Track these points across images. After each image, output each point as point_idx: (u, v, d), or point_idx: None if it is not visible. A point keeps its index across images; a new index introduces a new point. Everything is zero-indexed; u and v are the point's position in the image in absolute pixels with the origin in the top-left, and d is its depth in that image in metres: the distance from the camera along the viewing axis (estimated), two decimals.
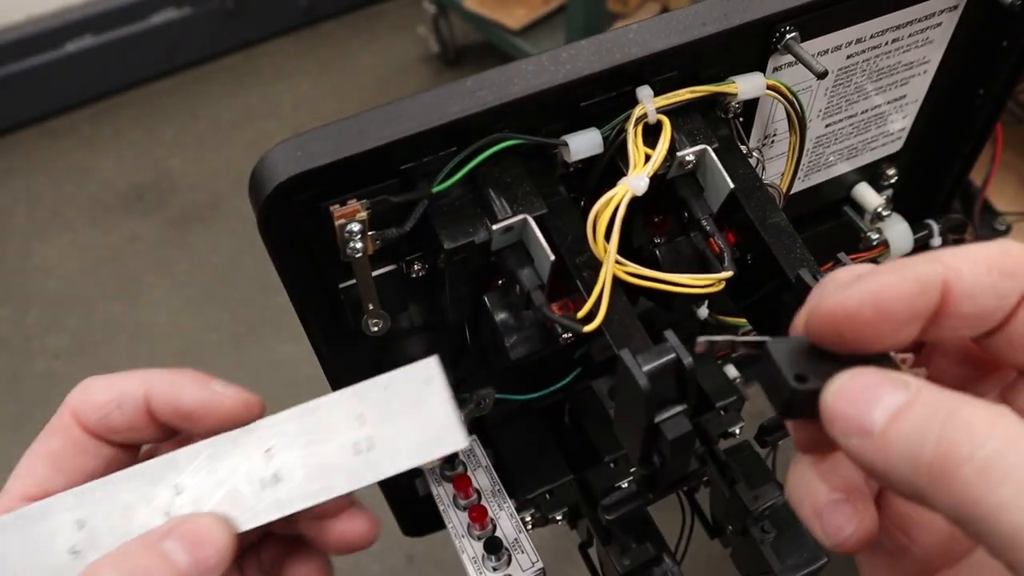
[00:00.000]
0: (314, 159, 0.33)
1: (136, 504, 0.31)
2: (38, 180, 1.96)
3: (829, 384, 0.25)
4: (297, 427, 0.32)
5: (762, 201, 0.40)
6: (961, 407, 0.22)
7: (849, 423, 0.24)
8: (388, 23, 2.30)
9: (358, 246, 0.34)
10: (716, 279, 0.38)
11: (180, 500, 0.31)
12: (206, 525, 0.29)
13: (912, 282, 0.24)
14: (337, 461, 0.31)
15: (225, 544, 0.29)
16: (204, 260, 1.77)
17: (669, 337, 0.33)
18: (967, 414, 0.22)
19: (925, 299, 0.25)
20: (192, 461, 0.32)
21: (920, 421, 0.23)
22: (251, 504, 0.31)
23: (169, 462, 0.32)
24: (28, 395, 1.56)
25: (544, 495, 0.50)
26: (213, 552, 0.29)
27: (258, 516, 0.31)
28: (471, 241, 0.36)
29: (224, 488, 0.32)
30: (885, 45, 0.47)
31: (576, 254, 0.38)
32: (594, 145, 0.39)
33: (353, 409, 0.32)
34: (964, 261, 0.25)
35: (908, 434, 0.23)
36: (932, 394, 0.23)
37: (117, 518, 0.31)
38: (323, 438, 0.32)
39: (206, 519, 0.30)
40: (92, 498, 0.31)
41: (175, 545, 0.28)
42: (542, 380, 0.49)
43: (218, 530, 0.29)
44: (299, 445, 0.32)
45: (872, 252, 0.58)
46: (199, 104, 2.11)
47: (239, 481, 0.32)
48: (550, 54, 0.38)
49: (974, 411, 0.22)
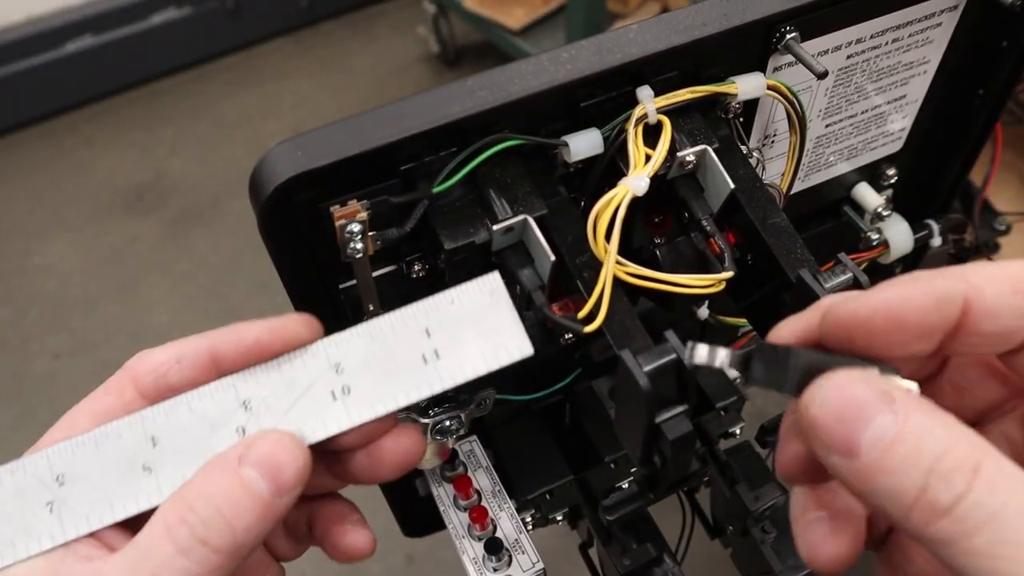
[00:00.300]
0: (314, 159, 0.33)
1: (207, 422, 0.32)
2: (38, 180, 1.96)
3: (816, 385, 0.24)
4: (365, 342, 0.33)
5: (762, 201, 0.40)
6: (947, 452, 0.22)
7: (834, 441, 0.24)
8: (388, 23, 2.30)
9: (359, 246, 0.34)
10: (716, 279, 0.38)
11: (251, 417, 0.32)
12: (282, 445, 0.30)
13: (929, 296, 0.24)
14: (406, 372, 0.32)
15: (301, 464, 0.30)
16: (204, 260, 1.77)
17: (669, 337, 0.33)
18: (952, 460, 0.22)
19: (940, 315, 0.25)
20: (261, 378, 0.33)
21: (906, 460, 0.22)
22: (322, 415, 0.32)
23: (238, 379, 0.32)
24: (28, 395, 1.56)
25: (544, 495, 0.50)
26: (291, 474, 0.30)
27: (328, 426, 0.32)
28: (471, 241, 0.36)
29: (294, 401, 0.32)
30: (885, 45, 0.47)
31: (576, 254, 0.38)
32: (594, 145, 0.39)
33: (419, 323, 0.33)
34: (988, 280, 0.25)
35: (893, 471, 0.22)
36: (920, 424, 0.23)
37: (190, 436, 0.31)
38: (391, 351, 0.32)
39: (281, 439, 0.30)
40: (164, 417, 0.32)
41: (254, 473, 0.29)
42: (542, 381, 0.49)
43: (293, 449, 0.30)
44: (368, 359, 0.32)
45: (872, 252, 0.58)
46: (199, 104, 2.11)
47: (309, 394, 0.32)
48: (550, 54, 0.38)
49: (959, 455, 0.22)
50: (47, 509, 0.30)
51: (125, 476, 0.31)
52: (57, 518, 0.30)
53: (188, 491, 0.29)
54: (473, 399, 0.43)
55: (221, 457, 0.30)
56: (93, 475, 0.31)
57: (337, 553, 0.35)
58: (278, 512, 0.29)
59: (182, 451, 0.31)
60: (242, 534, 0.28)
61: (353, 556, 0.35)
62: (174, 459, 0.31)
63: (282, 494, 0.29)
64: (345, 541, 0.35)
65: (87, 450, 0.31)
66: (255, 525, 0.29)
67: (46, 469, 0.31)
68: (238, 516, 0.28)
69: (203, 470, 0.30)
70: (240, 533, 0.28)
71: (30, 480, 0.31)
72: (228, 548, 0.28)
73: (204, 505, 0.28)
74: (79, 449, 0.31)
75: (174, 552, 0.28)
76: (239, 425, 0.32)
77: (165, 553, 0.28)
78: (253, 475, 0.29)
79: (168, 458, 0.31)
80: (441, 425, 0.43)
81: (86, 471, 0.31)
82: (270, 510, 0.29)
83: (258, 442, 0.30)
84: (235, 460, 0.29)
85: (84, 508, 0.30)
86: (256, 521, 0.29)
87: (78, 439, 0.31)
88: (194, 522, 0.28)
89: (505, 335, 0.32)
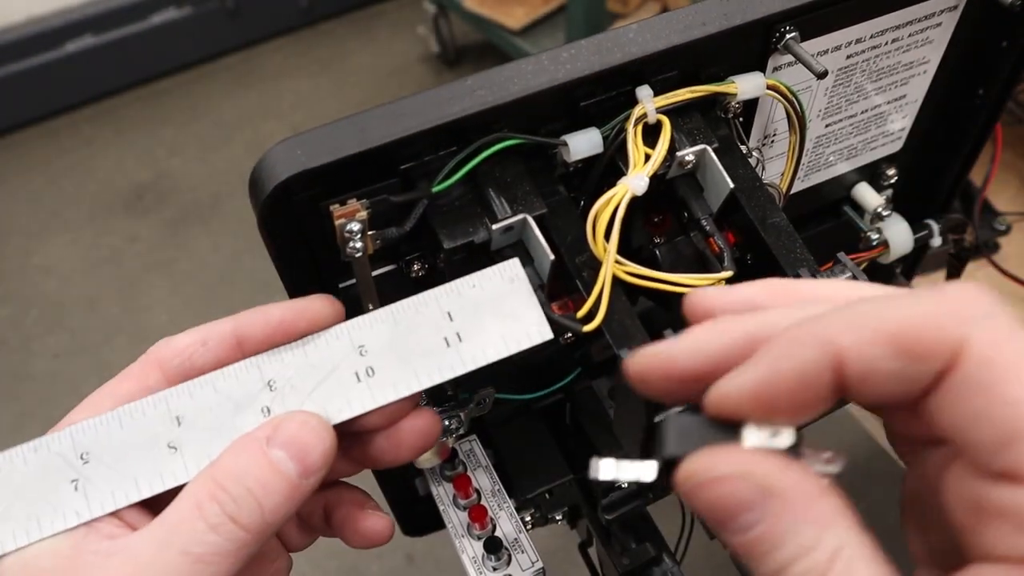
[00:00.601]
0: (314, 158, 0.33)
1: (232, 402, 0.32)
2: (38, 180, 1.96)
3: (683, 473, 0.23)
4: (388, 326, 0.33)
5: (762, 201, 0.40)
6: (794, 563, 0.21)
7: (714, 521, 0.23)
8: (388, 23, 2.30)
9: (358, 245, 0.34)
10: (716, 279, 0.38)
11: (276, 397, 0.32)
12: (309, 427, 0.31)
13: (791, 379, 0.22)
14: (429, 354, 0.33)
15: (327, 445, 0.31)
16: (204, 260, 1.77)
17: (668, 336, 0.33)
18: (801, 569, 0.21)
19: (810, 391, 0.22)
20: (286, 359, 0.33)
21: (767, 556, 0.22)
22: (346, 396, 0.32)
23: (263, 360, 0.33)
24: (28, 395, 1.56)
25: (544, 495, 0.50)
26: (318, 456, 0.30)
27: (352, 407, 0.32)
28: (471, 241, 0.36)
29: (319, 382, 0.33)
30: (885, 45, 0.47)
31: (576, 254, 0.38)
32: (594, 145, 0.39)
33: (442, 306, 0.34)
34: (861, 343, 0.21)
35: (757, 558, 0.22)
36: (782, 526, 0.22)
37: (214, 415, 0.32)
38: (414, 334, 0.33)
39: (308, 420, 0.31)
40: (188, 396, 0.32)
41: (282, 454, 0.30)
42: (542, 380, 0.49)
43: (320, 430, 0.31)
44: (391, 342, 0.33)
45: (872, 252, 0.58)
46: (199, 104, 2.11)
47: (333, 375, 0.33)
48: (550, 54, 0.38)
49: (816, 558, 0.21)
50: (72, 486, 0.30)
51: (150, 454, 0.31)
52: (83, 495, 0.30)
53: (217, 470, 0.30)
54: (473, 398, 0.43)
55: (249, 437, 0.30)
56: (118, 453, 0.31)
57: (357, 538, 0.36)
58: (304, 493, 0.30)
59: (207, 430, 0.32)
60: (270, 514, 0.29)
61: (373, 540, 0.36)
62: (199, 438, 0.31)
63: (309, 475, 0.30)
64: (366, 525, 0.36)
65: (111, 428, 0.31)
66: (282, 505, 0.29)
67: (70, 447, 0.31)
68: (267, 496, 0.29)
69: (231, 450, 0.30)
70: (268, 513, 0.29)
71: (54, 458, 0.31)
72: (256, 527, 0.29)
73: (234, 484, 0.29)
74: (103, 427, 0.31)
75: (204, 528, 0.28)
76: (264, 405, 0.32)
77: (196, 529, 0.28)
78: (281, 456, 0.30)
79: (193, 437, 0.32)
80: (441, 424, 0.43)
81: (110, 449, 0.31)
82: (297, 491, 0.30)
83: (285, 423, 0.31)
84: (263, 441, 0.30)
85: (109, 485, 0.31)
86: (284, 501, 0.29)
87: (102, 417, 0.32)
88: (224, 500, 0.29)
89: (526, 320, 0.33)
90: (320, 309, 0.34)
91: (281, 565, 0.36)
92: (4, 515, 0.30)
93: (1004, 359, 0.20)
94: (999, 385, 0.20)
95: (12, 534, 0.29)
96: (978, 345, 0.21)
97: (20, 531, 0.30)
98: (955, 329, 0.21)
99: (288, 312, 0.33)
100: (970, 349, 0.21)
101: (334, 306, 0.34)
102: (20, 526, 0.30)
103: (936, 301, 0.21)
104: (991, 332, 0.21)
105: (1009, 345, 0.21)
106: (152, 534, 0.29)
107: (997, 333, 0.21)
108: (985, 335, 0.21)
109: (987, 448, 0.21)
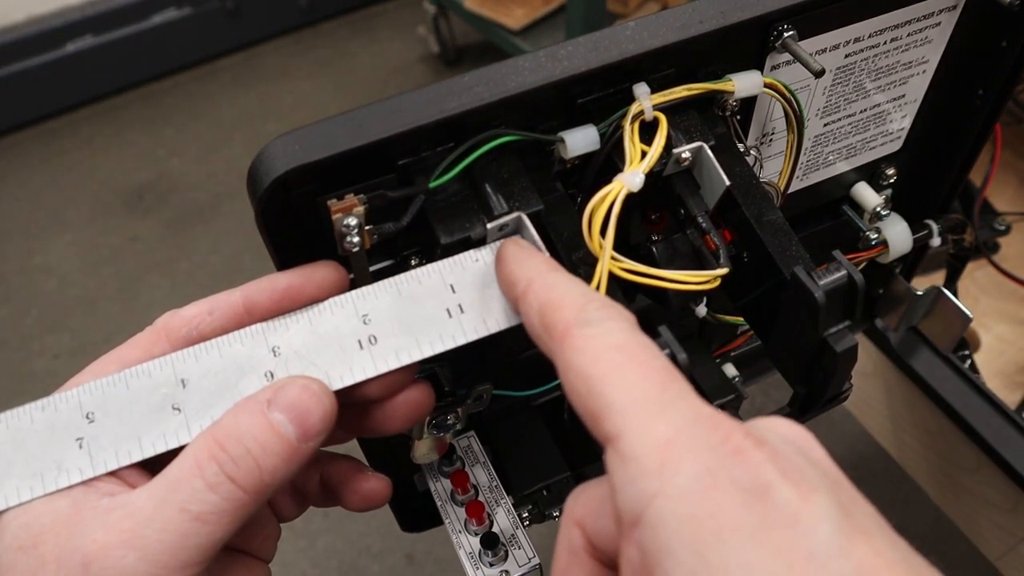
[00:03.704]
0: (312, 153, 0.33)
1: (236, 366, 0.33)
2: (38, 180, 1.96)
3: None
4: (392, 296, 0.34)
5: (758, 199, 0.40)
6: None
7: None
8: (388, 23, 2.31)
9: (355, 240, 0.34)
10: (712, 276, 0.38)
11: (280, 362, 0.33)
12: (310, 391, 0.31)
13: None
14: (432, 324, 0.34)
15: (327, 409, 0.31)
16: (204, 260, 1.78)
17: (663, 333, 0.33)
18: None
19: None
20: (291, 325, 0.34)
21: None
22: (348, 362, 0.33)
23: (268, 327, 0.34)
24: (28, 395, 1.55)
25: (542, 491, 0.50)
26: (318, 419, 0.31)
27: (354, 373, 0.33)
28: (467, 236, 0.36)
29: (322, 349, 0.33)
30: (884, 44, 0.47)
31: (572, 250, 0.38)
32: (591, 142, 0.39)
33: (445, 279, 0.35)
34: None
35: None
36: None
37: (219, 379, 0.32)
38: (417, 305, 0.34)
39: (309, 385, 0.31)
40: (194, 360, 0.33)
41: (283, 417, 0.30)
42: (540, 376, 0.49)
43: (321, 394, 0.31)
44: (394, 312, 0.34)
45: (871, 252, 0.58)
46: (199, 104, 2.11)
47: (337, 342, 0.33)
48: (547, 51, 0.38)
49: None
50: (77, 444, 0.31)
51: (154, 415, 0.32)
52: (87, 453, 0.31)
53: (218, 430, 0.30)
54: (470, 394, 0.43)
55: (251, 399, 0.31)
56: (123, 413, 0.32)
57: (357, 499, 0.37)
58: (303, 456, 0.31)
59: (211, 393, 0.32)
60: (268, 475, 0.30)
61: (373, 501, 0.37)
62: (203, 400, 0.32)
63: (308, 439, 0.30)
64: (366, 486, 0.37)
65: (117, 389, 0.32)
66: (281, 467, 0.30)
67: (76, 407, 0.32)
68: (266, 457, 0.30)
69: (233, 411, 0.31)
70: (267, 474, 0.29)
71: (60, 416, 0.31)
72: (254, 487, 0.29)
73: (234, 444, 0.29)
74: (109, 388, 0.32)
75: (203, 487, 0.29)
76: (268, 370, 0.33)
77: (194, 487, 0.29)
78: (282, 419, 0.30)
79: (197, 399, 0.32)
80: (439, 420, 0.43)
81: (116, 409, 0.32)
82: (296, 453, 0.30)
83: (287, 386, 0.31)
84: (264, 403, 0.30)
85: (113, 444, 0.31)
86: (282, 463, 0.30)
87: (108, 378, 0.32)
88: (223, 459, 0.29)
89: None
90: (327, 275, 0.35)
91: (271, 532, 0.36)
92: (7, 471, 0.30)
93: None
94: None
95: (16, 490, 0.30)
96: None
97: (24, 487, 0.30)
98: None
99: (295, 278, 0.34)
100: None
101: (339, 272, 0.35)
102: (24, 483, 0.30)
103: None
104: None
105: None
106: (152, 491, 0.29)
107: None
108: None
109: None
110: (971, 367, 0.79)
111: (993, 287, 0.85)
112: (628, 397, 0.25)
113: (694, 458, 0.23)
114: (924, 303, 0.63)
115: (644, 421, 0.25)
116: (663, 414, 0.25)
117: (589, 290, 0.31)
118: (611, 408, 0.25)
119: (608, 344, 0.27)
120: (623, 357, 0.27)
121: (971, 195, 0.82)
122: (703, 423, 0.24)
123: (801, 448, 0.25)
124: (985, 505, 0.74)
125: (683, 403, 0.25)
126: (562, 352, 0.28)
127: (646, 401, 0.25)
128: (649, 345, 0.28)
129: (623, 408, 0.25)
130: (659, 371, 0.26)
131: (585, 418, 0.27)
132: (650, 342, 0.28)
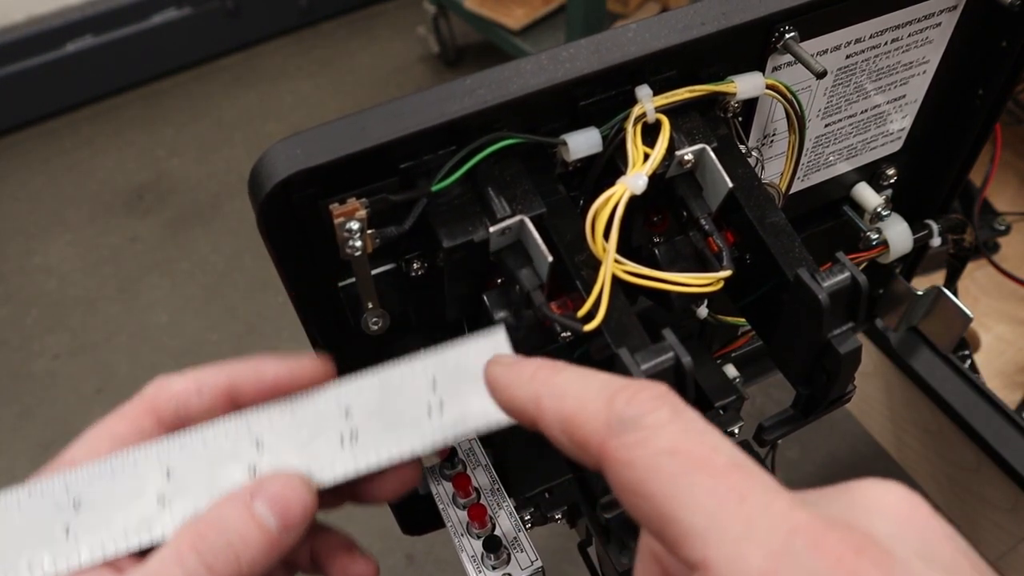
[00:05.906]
0: (313, 157, 0.33)
1: (221, 458, 0.33)
2: (38, 180, 1.96)
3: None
4: (374, 390, 0.34)
5: (761, 200, 0.40)
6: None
7: None
8: (388, 23, 2.30)
9: (357, 244, 0.34)
10: (714, 278, 0.38)
11: (263, 455, 0.33)
12: (292, 487, 0.31)
13: None
14: (411, 423, 0.34)
15: (308, 504, 0.32)
16: (204, 260, 1.77)
17: (667, 336, 0.33)
18: None
19: None
20: (275, 417, 0.34)
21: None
22: (330, 460, 0.33)
23: (252, 418, 0.34)
24: (28, 395, 1.56)
25: (543, 494, 0.50)
26: (299, 512, 0.31)
27: (335, 472, 0.33)
28: (470, 239, 0.36)
29: (304, 444, 0.33)
30: (884, 45, 0.47)
31: (575, 253, 0.38)
32: (593, 144, 0.39)
33: (427, 374, 0.34)
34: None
35: None
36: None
37: (203, 470, 0.33)
38: (398, 401, 0.34)
39: (292, 480, 0.32)
40: (179, 449, 0.33)
41: (265, 510, 0.31)
42: None
43: (302, 490, 0.32)
44: (376, 407, 0.34)
45: (872, 252, 0.58)
46: (199, 104, 2.11)
47: (319, 438, 0.33)
48: (549, 53, 0.38)
49: None
50: (64, 533, 0.31)
51: (139, 506, 0.32)
52: (74, 542, 0.31)
53: (200, 522, 0.30)
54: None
55: (236, 493, 0.31)
56: (109, 503, 0.32)
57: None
58: (283, 547, 0.31)
59: (195, 484, 0.32)
60: (247, 566, 0.30)
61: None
62: (187, 492, 0.32)
63: (289, 530, 0.31)
64: (353, 569, 0.37)
65: (103, 479, 0.32)
66: (260, 558, 0.30)
67: (63, 493, 0.32)
68: (246, 549, 0.30)
69: (216, 504, 0.31)
70: (245, 565, 0.30)
71: (48, 503, 0.32)
72: None
73: (215, 536, 0.30)
74: (96, 475, 0.32)
75: None
76: (251, 463, 0.33)
77: None
78: (264, 511, 0.31)
79: (181, 491, 0.32)
80: None
81: (102, 499, 0.32)
82: (276, 545, 0.31)
83: (269, 482, 0.32)
84: (248, 495, 0.31)
85: (100, 535, 0.31)
86: (262, 555, 0.30)
87: (96, 466, 0.32)
88: (203, 550, 0.29)
89: None
90: (313, 372, 0.35)
91: None
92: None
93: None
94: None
95: (3, 574, 0.30)
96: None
97: (11, 573, 0.30)
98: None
99: (283, 373, 0.34)
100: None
101: (326, 367, 0.35)
102: (11, 568, 0.30)
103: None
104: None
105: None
106: None
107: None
108: None
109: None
110: (971, 367, 0.79)
111: (993, 287, 0.85)
112: (704, 519, 0.22)
113: None
114: (924, 303, 0.63)
115: (732, 549, 0.21)
116: (752, 537, 0.21)
117: (604, 382, 0.27)
118: (689, 534, 0.22)
119: (658, 450, 0.24)
120: (681, 465, 0.23)
121: (971, 195, 0.82)
122: (801, 539, 0.21)
123: (918, 528, 0.22)
124: (985, 505, 0.75)
125: (770, 513, 0.22)
126: (608, 470, 0.25)
127: (728, 519, 0.22)
128: (703, 432, 0.24)
129: (704, 532, 0.22)
130: (728, 472, 0.23)
131: (658, 539, 0.24)
132: (702, 423, 0.25)
